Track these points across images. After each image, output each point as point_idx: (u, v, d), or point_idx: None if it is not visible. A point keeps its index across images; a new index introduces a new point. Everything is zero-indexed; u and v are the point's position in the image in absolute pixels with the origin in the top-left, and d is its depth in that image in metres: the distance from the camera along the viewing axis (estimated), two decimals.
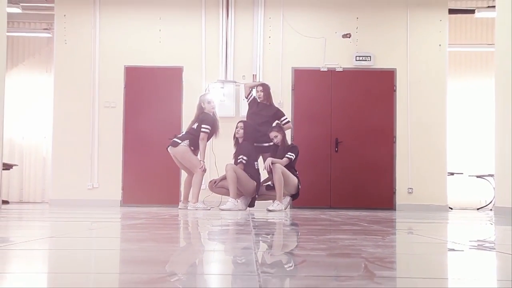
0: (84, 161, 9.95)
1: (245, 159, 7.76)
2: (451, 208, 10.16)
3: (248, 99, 8.42)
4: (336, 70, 10.03)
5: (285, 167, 7.63)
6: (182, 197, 8.37)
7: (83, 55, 10.05)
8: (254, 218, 5.27)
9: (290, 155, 7.72)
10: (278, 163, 7.59)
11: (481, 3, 10.97)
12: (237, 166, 7.75)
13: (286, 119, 8.33)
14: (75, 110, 9.98)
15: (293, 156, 7.74)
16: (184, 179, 8.41)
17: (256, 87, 8.41)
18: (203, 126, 7.86)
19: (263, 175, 8.11)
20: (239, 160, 7.77)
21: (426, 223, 5.11)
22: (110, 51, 10.06)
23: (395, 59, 10.08)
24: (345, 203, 9.80)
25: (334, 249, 2.37)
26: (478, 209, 11.00)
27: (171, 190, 9.81)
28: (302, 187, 8.01)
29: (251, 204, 8.02)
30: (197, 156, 7.96)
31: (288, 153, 7.73)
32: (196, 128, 7.93)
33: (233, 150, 8.10)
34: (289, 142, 8.34)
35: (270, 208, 7.53)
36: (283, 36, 10.07)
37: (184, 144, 7.90)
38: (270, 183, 7.98)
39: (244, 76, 9.87)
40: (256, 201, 8.07)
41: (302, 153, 8.23)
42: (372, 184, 9.90)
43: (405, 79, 10.04)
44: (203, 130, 7.84)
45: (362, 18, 10.11)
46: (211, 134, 8.00)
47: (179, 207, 8.30)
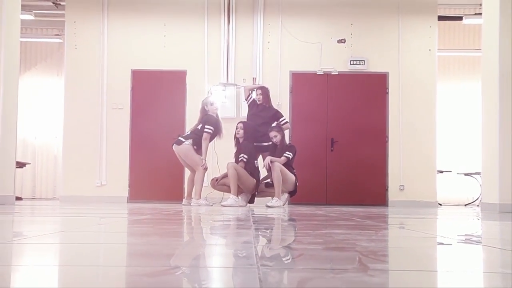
0: (93, 159, 9.95)
1: (245, 157, 7.77)
2: (440, 204, 10.17)
3: (248, 101, 8.43)
4: (332, 74, 10.03)
5: (283, 166, 7.63)
6: (186, 193, 8.37)
7: (92, 60, 10.05)
8: (254, 214, 5.27)
9: (288, 154, 7.73)
10: (277, 161, 7.59)
11: (468, 10, 10.99)
12: (237, 165, 7.76)
13: (285, 120, 8.34)
14: (85, 111, 9.98)
15: (290, 155, 7.75)
16: (188, 177, 8.41)
17: (256, 90, 8.41)
18: (206, 127, 7.88)
19: (263, 173, 8.11)
20: (240, 159, 7.77)
21: (416, 218, 5.11)
22: (117, 56, 10.06)
23: (387, 63, 10.08)
24: (340, 199, 9.80)
25: (329, 243, 2.37)
26: (466, 205, 11.00)
27: (175, 187, 9.81)
28: (299, 184, 8.02)
29: (251, 201, 8.02)
30: (200, 155, 7.97)
31: (286, 152, 7.74)
32: (200, 128, 7.96)
33: (233, 150, 8.10)
34: (287, 142, 8.34)
35: (269, 204, 7.54)
36: (281, 41, 10.07)
37: (188, 143, 7.92)
38: (269, 180, 7.98)
39: (245, 79, 9.87)
40: (255, 197, 8.08)
41: (299, 152, 8.23)
42: (365, 182, 9.90)
43: (397, 82, 10.04)
44: (206, 130, 7.87)
45: (356, 25, 10.11)
46: (214, 134, 8.01)
47: (183, 203, 8.30)
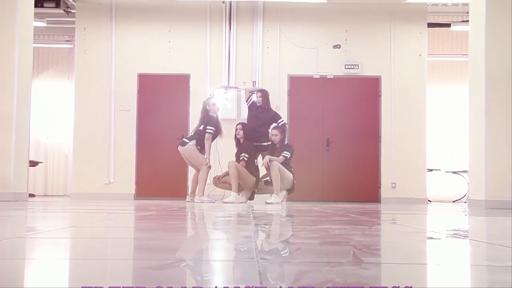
0: (102, 158, 9.94)
1: (246, 156, 7.77)
2: (430, 201, 10.16)
3: (248, 103, 8.43)
4: (327, 77, 10.03)
5: (281, 164, 7.63)
6: (190, 191, 8.37)
7: (100, 64, 10.05)
8: (254, 210, 5.26)
9: (286, 154, 7.73)
10: (275, 160, 7.59)
11: (456, 17, 10.99)
12: (238, 163, 7.76)
13: (283, 121, 8.33)
14: (94, 113, 9.98)
15: (288, 155, 7.75)
16: (193, 175, 8.41)
17: (256, 93, 8.40)
18: (208, 128, 7.89)
19: (262, 171, 8.11)
20: (241, 158, 7.78)
21: (407, 214, 5.11)
22: (124, 60, 10.06)
23: (380, 68, 10.08)
24: (335, 196, 9.80)
25: (325, 237, 2.37)
26: (454, 201, 11.00)
27: (179, 185, 9.80)
28: (297, 182, 8.01)
29: (251, 198, 8.02)
30: (203, 154, 7.98)
31: (284, 152, 7.73)
32: (202, 129, 7.96)
33: (234, 150, 8.09)
34: (285, 142, 8.33)
35: (268, 201, 7.53)
36: (280, 47, 10.07)
37: (192, 144, 7.94)
38: (268, 178, 7.97)
39: (245, 82, 9.87)
40: (255, 194, 8.08)
41: (296, 151, 8.22)
42: (359, 179, 9.90)
43: (389, 86, 10.04)
44: (207, 131, 7.88)
45: (350, 31, 10.11)
46: (215, 134, 8.01)
47: (187, 200, 8.29)
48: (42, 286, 1.24)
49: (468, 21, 8.07)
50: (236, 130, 7.98)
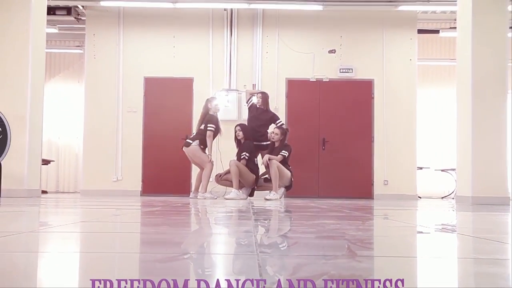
0: (110, 157, 9.95)
1: (247, 155, 7.78)
2: (420, 197, 10.16)
3: (248, 104, 8.46)
4: (323, 81, 10.03)
5: (280, 163, 7.63)
6: (193, 188, 8.37)
7: (109, 68, 10.05)
8: (254, 206, 5.26)
9: (284, 153, 7.73)
10: (274, 159, 7.59)
11: (444, 24, 10.99)
12: (239, 162, 7.76)
13: (281, 122, 8.33)
14: (103, 114, 9.98)
15: (286, 154, 7.75)
16: (197, 173, 8.40)
17: (256, 94, 8.43)
18: (208, 126, 7.92)
19: (261, 169, 8.11)
20: (242, 157, 7.78)
21: (399, 210, 5.11)
22: (131, 64, 10.06)
23: (372, 71, 10.08)
24: (331, 193, 9.80)
25: (321, 232, 2.37)
26: (442, 198, 11.00)
27: (183, 182, 9.81)
28: (294, 180, 8.01)
29: (251, 194, 8.02)
30: (205, 153, 8.00)
31: (282, 151, 7.74)
32: (203, 128, 7.99)
33: (235, 149, 8.10)
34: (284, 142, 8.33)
35: (267, 197, 7.53)
36: (278, 52, 10.07)
37: (195, 144, 7.96)
38: (267, 176, 7.97)
39: (245, 85, 9.87)
40: (255, 191, 8.08)
41: (294, 150, 8.22)
42: (353, 177, 9.90)
43: (381, 88, 10.05)
44: (209, 128, 7.91)
45: (345, 37, 10.11)
46: (216, 132, 8.04)
47: (190, 197, 8.29)
48: (54, 277, 1.24)
49: (455, 28, 8.07)
50: (235, 132, 7.99)
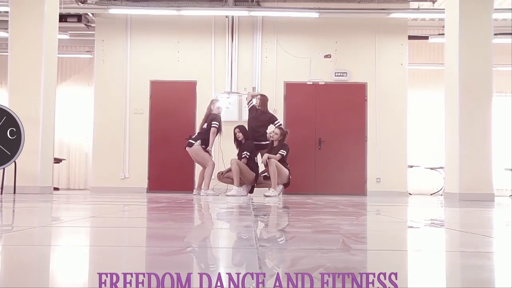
0: (118, 156, 9.95)
1: (248, 154, 7.80)
2: (410, 194, 10.17)
3: (249, 106, 8.48)
4: (319, 84, 10.03)
5: (278, 161, 7.63)
6: (196, 185, 8.38)
7: (117, 72, 10.05)
8: (254, 202, 5.26)
9: (282, 152, 7.74)
10: (273, 158, 7.59)
11: (433, 31, 11.01)
12: (240, 160, 7.77)
13: (279, 123, 8.34)
14: (111, 115, 9.98)
15: (284, 153, 7.75)
16: (199, 171, 8.41)
17: (257, 96, 8.47)
18: (213, 123, 7.98)
19: (261, 168, 8.11)
20: (243, 156, 7.79)
21: (390, 206, 5.11)
22: (138, 68, 10.06)
23: (366, 75, 10.08)
24: (326, 190, 9.80)
25: (318, 227, 2.36)
26: (431, 194, 11.01)
27: (187, 179, 9.81)
28: (292, 177, 8.01)
29: (251, 191, 8.02)
30: (207, 152, 8.02)
31: (281, 150, 7.74)
32: (206, 127, 8.04)
33: (236, 149, 8.11)
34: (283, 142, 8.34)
35: (266, 194, 7.53)
36: (277, 56, 10.07)
37: (197, 144, 7.99)
38: (266, 174, 7.98)
39: (246, 88, 9.87)
40: (255, 188, 8.08)
41: (292, 150, 8.23)
42: (348, 175, 9.90)
43: (374, 91, 10.05)
44: (213, 125, 7.97)
45: (340, 42, 10.11)
46: (219, 129, 8.08)
47: (194, 193, 8.30)
48: (65, 269, 1.24)
49: (444, 34, 8.08)
50: (235, 134, 8.01)
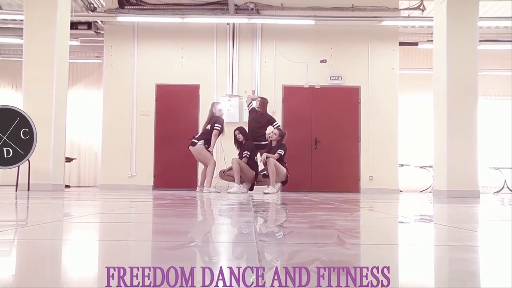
0: (125, 155, 9.94)
1: (248, 154, 7.80)
2: (401, 191, 10.17)
3: (249, 108, 8.48)
4: (315, 87, 10.03)
5: (277, 161, 7.63)
6: (199, 183, 8.37)
7: (124, 76, 10.05)
8: (254, 199, 5.26)
9: (280, 151, 7.74)
10: (271, 157, 7.59)
11: (422, 38, 11.03)
12: (240, 160, 7.77)
13: (277, 124, 8.34)
14: (119, 117, 9.97)
15: (282, 152, 7.76)
16: (202, 170, 8.41)
17: (257, 99, 8.47)
18: (215, 125, 7.97)
19: (260, 166, 8.11)
20: (244, 155, 7.80)
21: (382, 202, 5.11)
22: (144, 73, 10.06)
23: (359, 79, 10.08)
24: (322, 187, 9.80)
25: (314, 222, 2.36)
26: (421, 191, 11.01)
27: (190, 177, 9.80)
28: (289, 176, 8.01)
29: (251, 188, 8.02)
30: (210, 152, 8.01)
31: (279, 150, 7.75)
32: (209, 128, 8.03)
33: (236, 149, 8.11)
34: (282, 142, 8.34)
35: (265, 191, 7.54)
36: (275, 61, 10.07)
37: (200, 143, 7.98)
38: (265, 172, 7.98)
39: (246, 91, 9.88)
40: (255, 186, 8.08)
41: (289, 149, 8.23)
42: (342, 173, 9.90)
43: (367, 94, 10.05)
44: (215, 127, 7.96)
45: (335, 48, 10.11)
46: (221, 131, 8.08)
47: (197, 191, 8.29)
48: (75, 262, 1.24)
49: (432, 41, 8.09)
50: (235, 135, 8.01)
